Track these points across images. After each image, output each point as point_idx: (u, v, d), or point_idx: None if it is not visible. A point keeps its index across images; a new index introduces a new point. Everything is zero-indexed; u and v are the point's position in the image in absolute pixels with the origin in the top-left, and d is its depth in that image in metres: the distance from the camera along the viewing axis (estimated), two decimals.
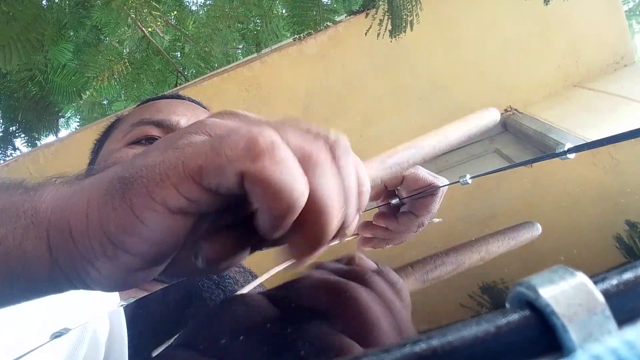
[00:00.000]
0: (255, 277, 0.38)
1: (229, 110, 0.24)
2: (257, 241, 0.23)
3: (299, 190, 0.19)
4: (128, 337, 0.30)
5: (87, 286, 0.22)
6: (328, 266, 0.30)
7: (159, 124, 0.53)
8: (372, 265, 0.30)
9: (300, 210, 0.20)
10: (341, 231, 0.22)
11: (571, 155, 0.37)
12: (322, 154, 0.21)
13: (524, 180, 0.46)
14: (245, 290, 0.34)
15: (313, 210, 0.20)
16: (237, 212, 0.23)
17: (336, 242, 0.24)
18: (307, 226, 0.20)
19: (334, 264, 0.30)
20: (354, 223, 0.24)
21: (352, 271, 0.27)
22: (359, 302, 0.23)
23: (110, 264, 0.21)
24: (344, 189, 0.22)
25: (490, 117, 0.42)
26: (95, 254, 0.20)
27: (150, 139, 0.52)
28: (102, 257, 0.20)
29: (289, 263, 0.22)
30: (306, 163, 0.20)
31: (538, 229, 0.29)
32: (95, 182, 0.22)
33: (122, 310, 0.35)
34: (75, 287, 0.23)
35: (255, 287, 0.34)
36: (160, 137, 0.49)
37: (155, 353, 0.25)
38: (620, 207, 0.28)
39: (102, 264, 0.21)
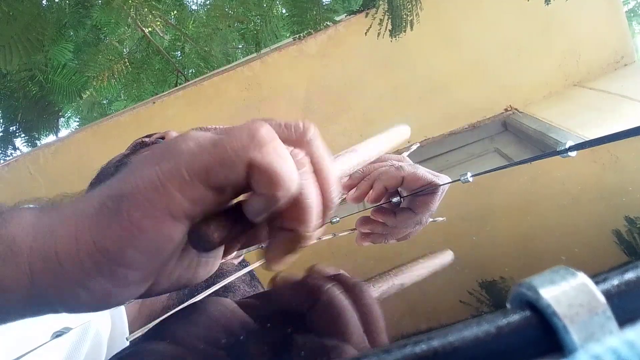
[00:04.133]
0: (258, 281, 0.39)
1: (205, 125, 0.25)
2: (244, 233, 0.24)
3: (296, 179, 0.21)
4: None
5: (71, 309, 0.22)
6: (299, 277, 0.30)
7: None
8: (329, 273, 0.30)
9: (289, 197, 0.21)
10: (324, 218, 0.24)
11: (572, 153, 0.37)
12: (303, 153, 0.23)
13: (525, 178, 0.46)
14: (232, 277, 0.34)
15: (299, 207, 0.22)
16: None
17: (320, 229, 0.25)
18: (294, 220, 0.22)
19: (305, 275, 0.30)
20: (327, 214, 0.25)
21: (321, 280, 0.27)
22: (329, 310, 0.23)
23: (105, 282, 0.20)
24: (324, 178, 0.24)
25: (405, 133, 0.45)
26: (88, 275, 0.20)
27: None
28: (96, 277, 0.20)
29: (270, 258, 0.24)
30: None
31: (450, 256, 0.30)
32: (81, 205, 0.22)
33: (123, 308, 0.35)
34: (56, 311, 0.22)
35: (248, 280, 0.35)
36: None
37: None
38: (620, 203, 0.28)
39: (94, 283, 0.20)
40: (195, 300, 0.31)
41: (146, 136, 0.59)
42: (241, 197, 0.23)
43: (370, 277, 0.29)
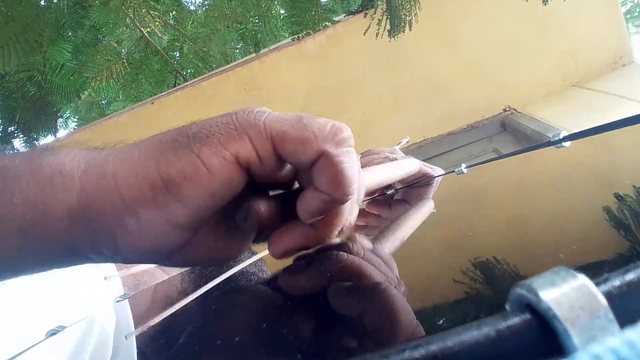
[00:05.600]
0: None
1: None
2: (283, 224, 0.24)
3: (356, 186, 0.22)
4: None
5: (113, 245, 0.21)
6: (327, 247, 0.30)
7: None
8: (368, 243, 0.31)
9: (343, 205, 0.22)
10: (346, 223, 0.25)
11: (566, 144, 0.37)
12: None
13: (520, 169, 0.46)
14: (244, 264, 0.34)
15: (335, 211, 0.23)
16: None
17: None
18: (326, 222, 0.23)
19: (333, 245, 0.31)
20: (353, 220, 0.26)
21: (351, 249, 0.27)
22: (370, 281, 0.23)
23: (156, 214, 0.20)
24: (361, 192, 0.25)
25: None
26: (143, 201, 0.20)
27: None
28: (149, 205, 0.20)
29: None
30: None
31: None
32: (148, 139, 0.22)
33: (127, 304, 0.35)
34: (95, 250, 0.22)
35: (255, 261, 0.35)
36: None
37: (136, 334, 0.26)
38: (617, 196, 0.27)
39: (147, 212, 0.20)
40: (211, 285, 0.31)
41: None
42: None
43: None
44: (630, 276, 0.11)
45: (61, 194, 0.20)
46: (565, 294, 0.10)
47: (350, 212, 0.25)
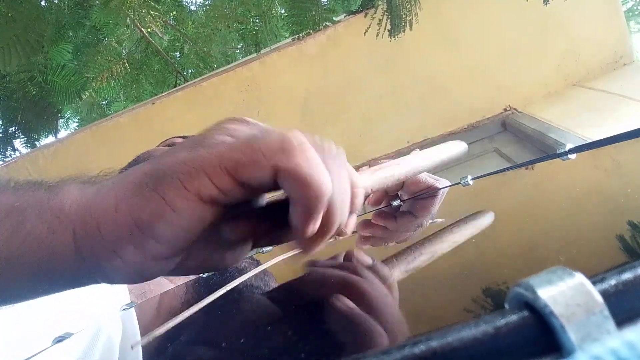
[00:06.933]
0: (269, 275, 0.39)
1: (238, 117, 0.26)
2: (270, 232, 0.25)
3: (326, 181, 0.22)
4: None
5: (108, 278, 0.24)
6: (325, 263, 0.31)
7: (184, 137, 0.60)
8: (367, 260, 0.31)
9: (327, 202, 0.22)
10: (339, 230, 0.25)
11: (572, 156, 0.37)
12: (335, 159, 0.24)
13: (525, 181, 0.46)
14: (248, 275, 0.34)
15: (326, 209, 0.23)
16: (256, 205, 0.26)
17: (332, 240, 0.26)
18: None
19: (331, 260, 0.31)
20: (350, 223, 0.26)
21: (347, 267, 0.28)
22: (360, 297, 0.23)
23: (137, 253, 0.22)
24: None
25: (460, 147, 0.45)
26: (122, 243, 0.22)
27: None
28: (129, 246, 0.22)
29: (293, 252, 0.25)
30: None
31: (491, 216, 0.32)
32: (122, 179, 0.24)
33: (134, 312, 0.35)
34: (96, 281, 0.24)
35: (262, 276, 0.35)
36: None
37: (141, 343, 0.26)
38: (621, 208, 0.28)
39: (128, 252, 0.22)
40: (215, 297, 0.31)
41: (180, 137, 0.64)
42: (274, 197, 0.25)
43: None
44: (626, 275, 0.12)
45: (62, 240, 0.23)
46: (562, 292, 0.10)
47: (341, 215, 0.24)
